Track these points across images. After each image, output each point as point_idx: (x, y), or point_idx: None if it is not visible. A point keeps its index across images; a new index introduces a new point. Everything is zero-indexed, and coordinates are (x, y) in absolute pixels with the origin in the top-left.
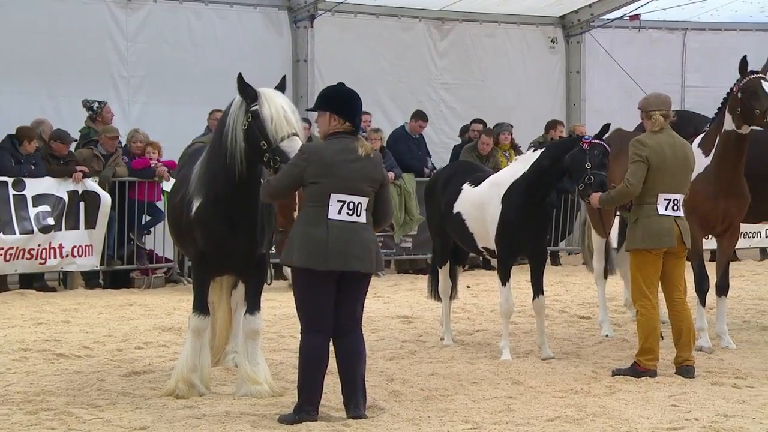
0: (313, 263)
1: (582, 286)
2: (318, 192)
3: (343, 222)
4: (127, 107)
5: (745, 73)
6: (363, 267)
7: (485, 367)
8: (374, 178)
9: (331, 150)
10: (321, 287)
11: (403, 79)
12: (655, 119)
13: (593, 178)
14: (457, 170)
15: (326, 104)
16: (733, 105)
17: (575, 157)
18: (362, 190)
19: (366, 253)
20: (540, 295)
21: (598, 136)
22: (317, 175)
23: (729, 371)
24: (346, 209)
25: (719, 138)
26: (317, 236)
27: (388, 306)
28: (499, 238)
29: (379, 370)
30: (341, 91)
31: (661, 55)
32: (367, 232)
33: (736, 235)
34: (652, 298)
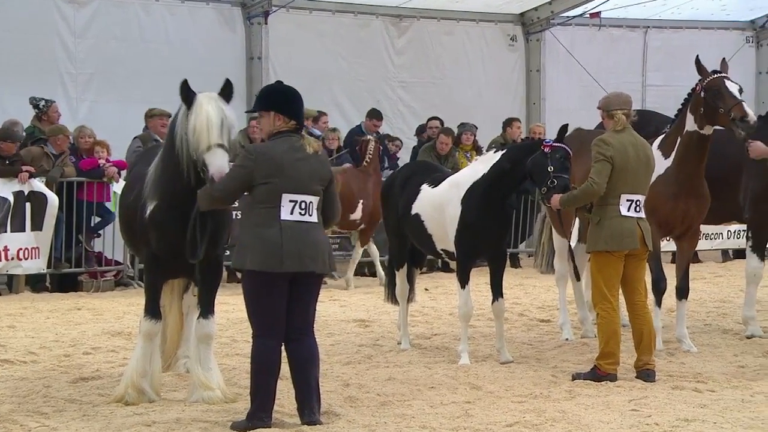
0: (268, 265)
1: (542, 288)
2: (269, 192)
3: (296, 222)
4: (75, 105)
5: (706, 73)
6: (317, 267)
7: (443, 372)
8: (323, 176)
9: (279, 149)
10: (274, 290)
11: (360, 77)
12: (618, 118)
13: (556, 182)
14: (415, 170)
15: (269, 103)
16: (695, 105)
17: (537, 161)
18: (312, 188)
19: (319, 253)
20: (499, 298)
21: (558, 139)
22: (267, 175)
23: (690, 375)
24: (298, 209)
25: (681, 139)
26: (271, 238)
27: (344, 309)
28: (459, 239)
29: (335, 375)
30: (282, 89)
31: (621, 54)
32: (319, 232)
33: (696, 237)
34: (613, 301)
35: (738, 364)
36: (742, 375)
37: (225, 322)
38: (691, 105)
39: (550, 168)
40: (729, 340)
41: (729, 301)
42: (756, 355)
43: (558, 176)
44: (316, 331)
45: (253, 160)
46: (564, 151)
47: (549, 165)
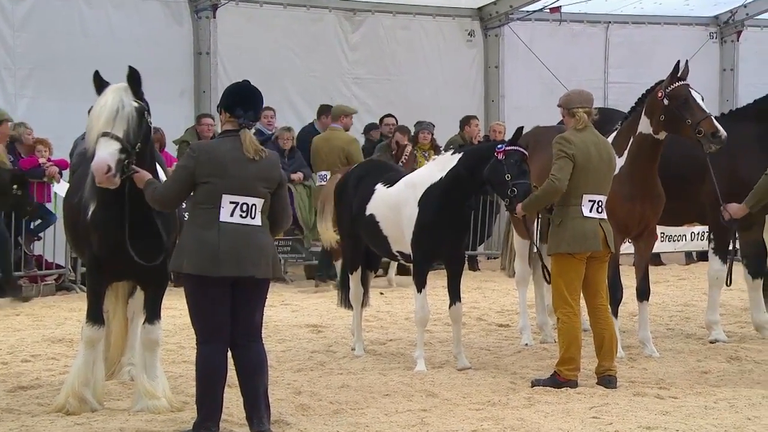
0: (204, 269)
1: (501, 292)
2: (209, 193)
3: (236, 225)
4: (14, 101)
5: (674, 78)
6: (258, 272)
7: (398, 379)
8: (270, 177)
9: (223, 148)
10: (214, 295)
11: (313, 73)
12: (579, 116)
13: (516, 190)
14: (369, 169)
15: (221, 101)
16: (654, 110)
17: (493, 169)
18: (256, 190)
19: (261, 257)
20: (457, 302)
21: (511, 142)
22: (208, 174)
23: (652, 381)
24: (239, 211)
25: (633, 139)
26: (208, 240)
27: (296, 314)
28: (415, 241)
29: (286, 383)
30: (237, 87)
31: (582, 50)
32: (262, 236)
33: (653, 237)
34: (574, 305)
35: (701, 369)
36: (706, 381)
37: (172, 327)
38: (647, 108)
39: (507, 176)
40: (692, 345)
41: (692, 305)
42: (719, 361)
43: (517, 183)
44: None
45: (195, 158)
46: (518, 154)
47: (506, 173)
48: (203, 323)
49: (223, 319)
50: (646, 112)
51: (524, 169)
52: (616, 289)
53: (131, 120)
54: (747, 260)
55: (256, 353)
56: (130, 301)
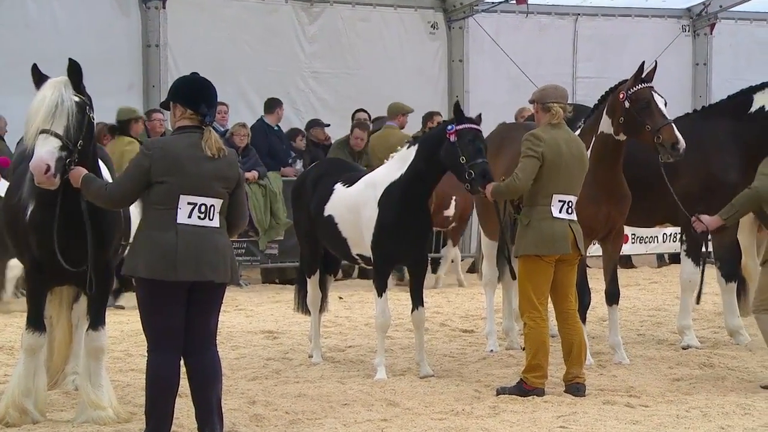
0: (160, 273)
1: (465, 296)
2: (165, 193)
3: (194, 226)
4: None
5: (637, 80)
6: (217, 276)
7: (358, 387)
8: (228, 177)
9: (179, 146)
10: (169, 300)
11: (268, 66)
12: (555, 111)
13: (473, 172)
14: (327, 169)
15: (173, 94)
16: (615, 111)
17: (447, 152)
18: (215, 190)
19: (220, 260)
20: (419, 307)
21: (460, 119)
22: (164, 173)
23: (622, 389)
24: (197, 212)
25: (595, 139)
26: (165, 242)
27: (251, 320)
28: (376, 244)
29: (240, 392)
30: (191, 80)
31: (550, 43)
32: (221, 238)
33: (621, 239)
34: (542, 309)
35: (673, 376)
36: (678, 389)
37: (119, 334)
38: (608, 107)
39: (462, 158)
40: (664, 351)
41: (664, 309)
42: (692, 368)
43: (473, 164)
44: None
45: (149, 156)
46: (471, 132)
47: (459, 155)
48: (156, 329)
49: (176, 326)
50: (607, 112)
51: (479, 147)
52: (584, 293)
53: (72, 116)
54: (720, 263)
55: (210, 361)
56: (74, 306)
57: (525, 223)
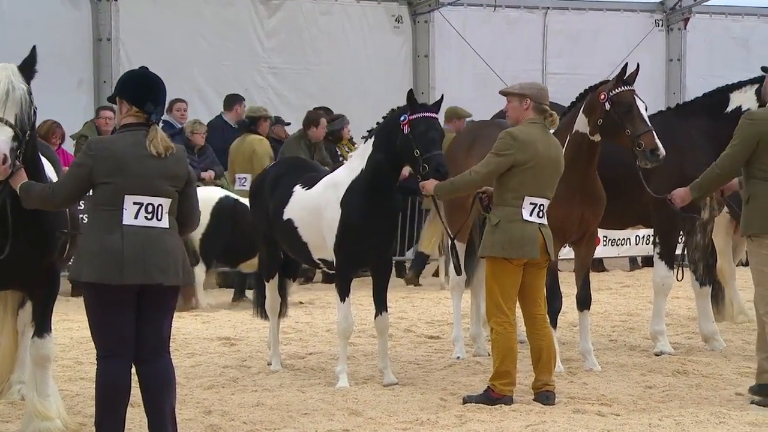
0: (106, 277)
1: (431, 301)
2: (110, 193)
3: (141, 228)
4: None
5: (619, 82)
6: (166, 279)
7: (318, 396)
8: (177, 174)
9: (123, 144)
10: (117, 305)
11: (225, 62)
12: (556, 118)
13: (427, 166)
14: (286, 169)
15: (119, 89)
16: (593, 111)
17: (402, 144)
18: (163, 189)
19: (170, 262)
20: (383, 312)
21: (415, 108)
22: (108, 173)
23: (593, 397)
24: (143, 213)
25: (569, 138)
26: (110, 245)
27: (207, 326)
28: (339, 247)
29: (195, 401)
30: (138, 75)
31: (519, 38)
32: (170, 239)
33: (594, 242)
34: (510, 314)
35: (646, 384)
36: (650, 397)
37: (68, 341)
38: (586, 107)
39: (416, 151)
40: (636, 357)
41: (637, 314)
42: (665, 375)
43: (428, 157)
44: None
45: (92, 156)
46: (425, 122)
47: (414, 147)
48: (104, 336)
49: (126, 332)
50: (584, 111)
51: (433, 137)
52: (555, 297)
53: (24, 103)
54: (695, 266)
55: (163, 369)
56: (20, 312)
57: (494, 223)
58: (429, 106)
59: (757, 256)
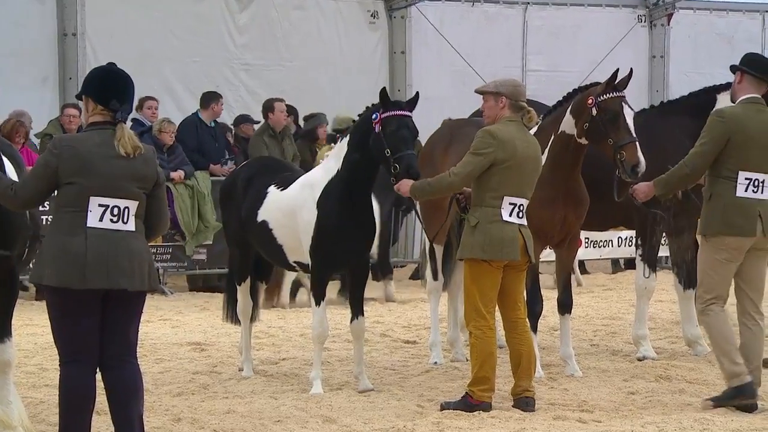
0: (67, 281)
1: (408, 305)
2: (74, 194)
3: (106, 230)
4: None
5: (608, 87)
6: (131, 284)
7: (292, 403)
8: (145, 176)
9: (90, 143)
10: (81, 309)
11: (196, 58)
12: (534, 114)
13: (398, 166)
14: (259, 168)
15: (85, 86)
16: (581, 114)
17: (374, 145)
18: (129, 191)
19: (135, 267)
20: (359, 316)
21: (388, 106)
22: (73, 173)
23: (574, 403)
24: (109, 215)
25: (555, 138)
26: (73, 248)
27: (177, 331)
28: (315, 249)
29: (164, 408)
30: (104, 72)
31: (498, 34)
32: (136, 242)
33: (576, 244)
34: (489, 318)
35: (628, 390)
36: (632, 403)
37: (32, 347)
38: (573, 108)
39: (387, 151)
40: (618, 362)
41: (619, 318)
42: (648, 380)
43: (399, 157)
44: (143, 357)
45: (57, 155)
46: (397, 120)
47: (385, 147)
48: (68, 341)
49: (90, 337)
50: (572, 112)
51: (404, 136)
52: (536, 301)
53: None
54: (678, 268)
55: (130, 374)
56: None
57: (472, 224)
58: (402, 103)
59: (708, 258)
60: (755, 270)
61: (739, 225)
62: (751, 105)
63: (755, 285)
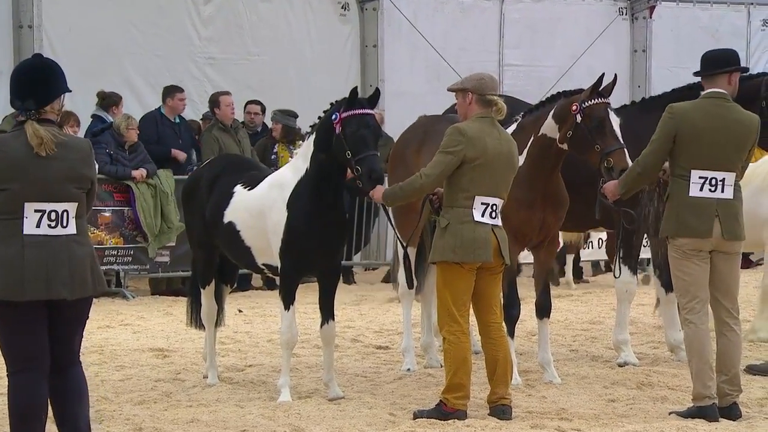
0: (6, 294)
1: (380, 309)
2: (8, 201)
3: (44, 237)
4: None
5: (593, 93)
6: (71, 293)
7: (258, 411)
8: (82, 175)
9: (18, 144)
10: (23, 321)
11: (158, 52)
12: (501, 106)
13: (360, 168)
14: (225, 167)
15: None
16: (564, 120)
17: (336, 147)
18: (67, 193)
19: (78, 273)
20: (330, 321)
21: (349, 105)
22: (4, 179)
23: (552, 411)
24: (46, 220)
25: (534, 139)
26: (10, 258)
27: (138, 336)
28: (285, 251)
29: (125, 417)
30: (24, 67)
31: (474, 28)
32: (78, 247)
33: (555, 246)
34: (463, 322)
35: (608, 397)
36: (613, 411)
37: None
38: (557, 113)
39: (348, 153)
40: (598, 369)
41: (599, 323)
42: (629, 387)
43: (361, 159)
44: (103, 364)
45: None
46: (356, 120)
47: (345, 149)
48: (14, 352)
49: (38, 345)
50: (554, 117)
51: (364, 136)
52: (513, 304)
53: None
54: (661, 271)
55: (73, 378)
56: None
57: (443, 226)
58: (363, 101)
59: (674, 260)
60: (724, 274)
61: (693, 226)
62: (709, 100)
63: (726, 290)
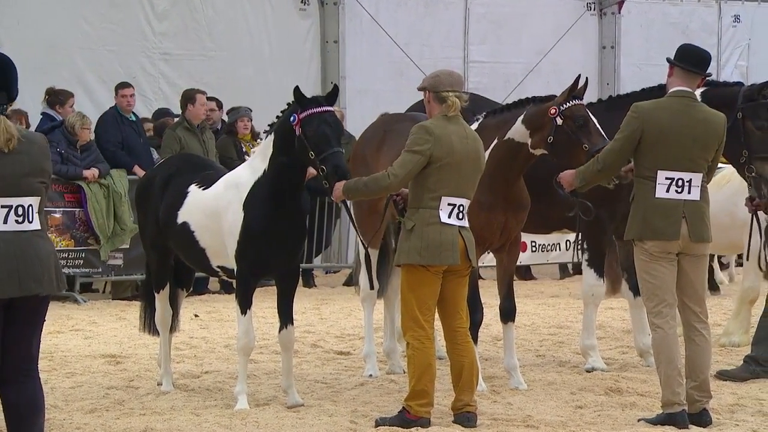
0: None
1: (341, 313)
2: None
3: (12, 234)
4: None
5: (570, 95)
6: (42, 289)
7: (215, 420)
8: (44, 168)
9: None
10: None
11: (110, 47)
12: (452, 102)
13: (326, 167)
14: (179, 166)
15: None
16: (540, 126)
17: (298, 148)
18: (32, 187)
19: (45, 270)
20: (289, 326)
21: (306, 104)
22: None
23: (518, 418)
24: (13, 216)
25: (498, 142)
26: None
27: (90, 342)
28: (241, 253)
29: (75, 426)
30: None
31: (438, 23)
32: (43, 243)
33: (517, 248)
34: (428, 327)
35: (576, 404)
36: (581, 418)
37: None
38: (528, 119)
39: (311, 153)
40: (566, 374)
41: (567, 327)
42: (597, 393)
43: (324, 158)
44: (52, 371)
45: None
46: (317, 118)
47: (308, 149)
48: None
49: None
50: (525, 122)
51: (325, 134)
52: (476, 309)
53: None
54: (629, 274)
55: (32, 391)
56: None
57: (409, 227)
58: (320, 99)
59: (640, 263)
60: (691, 277)
61: (660, 228)
62: (677, 99)
63: (693, 293)
